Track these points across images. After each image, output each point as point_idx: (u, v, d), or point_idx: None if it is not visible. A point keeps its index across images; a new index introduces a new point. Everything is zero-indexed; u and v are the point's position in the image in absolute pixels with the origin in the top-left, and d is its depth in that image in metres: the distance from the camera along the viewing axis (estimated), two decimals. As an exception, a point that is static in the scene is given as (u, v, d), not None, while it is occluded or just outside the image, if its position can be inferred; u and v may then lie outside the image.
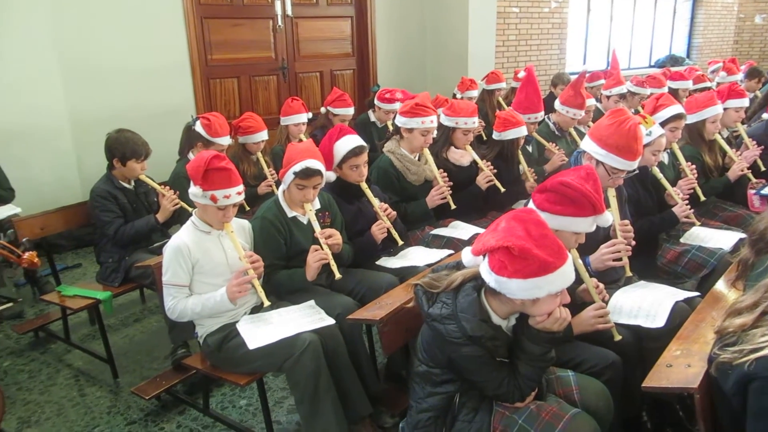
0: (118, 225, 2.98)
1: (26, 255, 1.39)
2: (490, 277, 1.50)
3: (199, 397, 2.65)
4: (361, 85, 6.69)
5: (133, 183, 3.11)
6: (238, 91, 5.80)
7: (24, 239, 1.48)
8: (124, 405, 2.70)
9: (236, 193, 2.17)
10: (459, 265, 1.69)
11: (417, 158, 3.04)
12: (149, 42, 5.00)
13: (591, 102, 4.08)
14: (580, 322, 1.85)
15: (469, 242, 2.71)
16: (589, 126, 4.10)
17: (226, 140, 3.32)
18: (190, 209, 3.05)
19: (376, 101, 4.54)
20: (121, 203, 3.03)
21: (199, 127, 3.28)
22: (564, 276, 1.47)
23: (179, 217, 3.14)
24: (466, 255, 1.63)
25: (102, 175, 3.09)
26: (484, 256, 1.54)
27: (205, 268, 2.19)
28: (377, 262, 2.62)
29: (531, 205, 1.86)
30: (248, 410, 2.61)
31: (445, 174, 2.98)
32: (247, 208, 3.42)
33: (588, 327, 1.86)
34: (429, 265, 2.47)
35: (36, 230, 3.02)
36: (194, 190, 2.15)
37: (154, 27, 5.00)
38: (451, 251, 2.61)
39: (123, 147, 2.98)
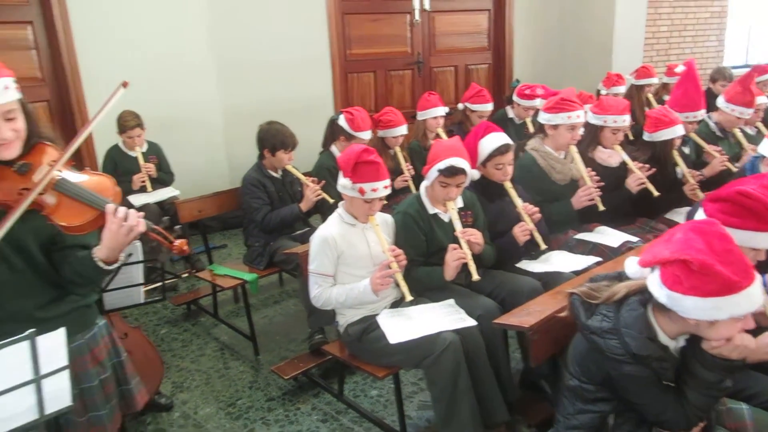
0: (266, 212, 3.15)
1: (177, 242, 1.48)
2: (660, 292, 1.38)
3: (333, 382, 2.74)
4: (496, 80, 6.55)
5: (280, 172, 3.27)
6: (374, 85, 5.91)
7: (177, 226, 1.58)
8: (264, 381, 2.86)
9: (383, 187, 2.19)
10: (621, 276, 1.58)
11: (563, 156, 2.90)
12: (293, 38, 5.23)
13: (762, 99, 3.65)
14: (756, 347, 1.66)
15: (618, 250, 2.54)
16: (757, 127, 3.69)
17: (367, 134, 3.38)
18: (331, 201, 3.17)
19: (515, 97, 4.41)
20: (269, 191, 3.20)
21: (342, 121, 3.37)
22: (750, 298, 1.31)
23: (320, 208, 3.26)
24: (632, 265, 1.52)
25: (252, 164, 3.28)
26: (653, 268, 1.42)
27: (349, 259, 2.24)
28: (517, 265, 2.54)
29: (700, 215, 1.69)
30: (379, 401, 2.65)
31: (594, 173, 2.81)
32: (384, 202, 3.46)
33: (765, 355, 1.66)
34: (575, 272, 2.35)
35: (194, 212, 3.29)
36: (343, 182, 2.20)
37: (298, 23, 5.22)
38: (599, 258, 2.46)
39: (273, 138, 3.14)
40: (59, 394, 1.25)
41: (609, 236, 2.72)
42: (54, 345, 1.18)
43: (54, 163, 1.49)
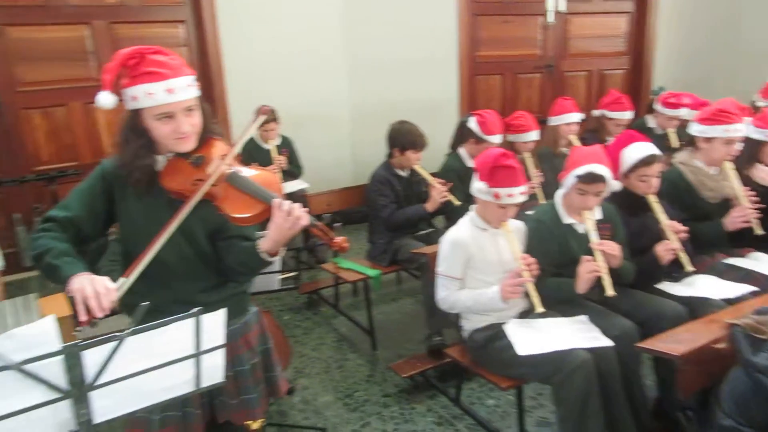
0: (392, 210, 3.20)
1: (338, 239, 1.51)
2: None
3: (450, 385, 2.72)
4: (633, 87, 6.19)
5: (407, 172, 3.30)
6: (501, 88, 5.81)
7: (337, 224, 1.61)
8: (381, 377, 2.90)
9: (519, 193, 2.14)
10: (795, 311, 1.42)
11: (715, 172, 2.67)
12: (422, 37, 5.27)
13: None
14: None
15: (778, 280, 2.29)
16: None
17: (497, 138, 3.32)
18: (456, 203, 3.15)
19: (656, 105, 4.13)
20: (395, 190, 3.24)
21: (473, 124, 3.34)
22: None
23: (445, 210, 3.26)
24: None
25: (380, 162, 3.34)
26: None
27: (478, 264, 2.21)
28: (658, 286, 2.37)
29: None
30: (496, 411, 2.59)
31: (752, 193, 2.56)
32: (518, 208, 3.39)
33: None
34: (727, 301, 2.15)
35: (323, 206, 3.41)
36: (478, 185, 2.17)
37: (429, 23, 5.25)
38: (754, 288, 2.24)
39: (404, 137, 3.17)
40: (214, 371, 1.33)
41: (765, 264, 2.46)
42: (214, 324, 1.26)
43: (224, 156, 1.59)
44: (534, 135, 3.57)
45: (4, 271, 3.39)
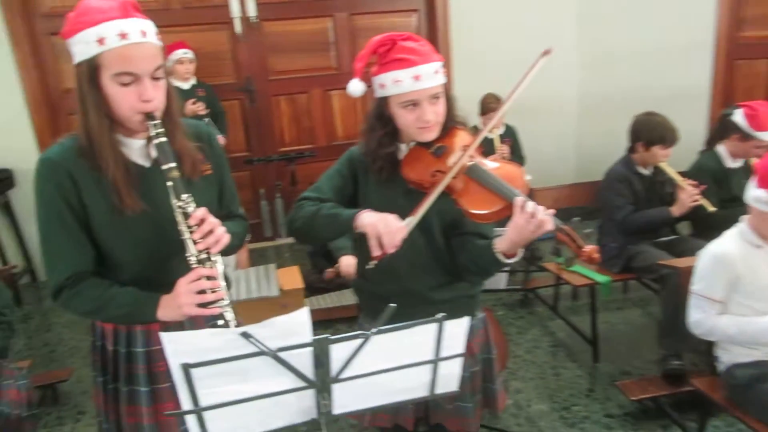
0: (628, 211, 2.87)
1: (587, 248, 1.32)
2: None
3: (690, 419, 2.36)
4: None
5: (650, 169, 2.93)
6: None
7: (588, 230, 1.42)
8: (603, 394, 2.64)
9: (814, 208, 1.72)
10: None
11: None
12: (669, 20, 4.66)
13: None
14: None
15: None
16: None
17: (765, 136, 2.77)
18: (710, 209, 2.71)
19: None
20: (635, 189, 2.90)
21: (739, 117, 2.83)
22: None
23: (694, 215, 2.83)
24: None
25: (620, 158, 3.01)
26: None
27: (747, 287, 1.85)
28: None
29: None
30: (748, 459, 2.18)
31: None
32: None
33: None
34: None
35: (549, 202, 3.19)
36: (758, 194, 1.80)
37: (678, 4, 4.63)
38: None
39: (651, 131, 2.81)
40: (449, 378, 1.28)
41: None
42: (457, 332, 1.20)
43: (467, 147, 1.52)
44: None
45: (249, 240, 3.85)
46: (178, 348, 0.99)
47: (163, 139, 1.29)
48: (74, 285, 1.31)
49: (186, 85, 4.08)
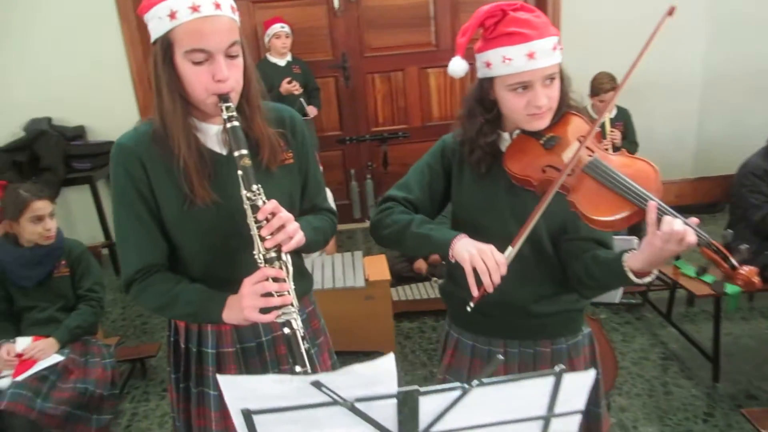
0: (767, 211, 2.48)
1: (744, 269, 1.04)
2: None
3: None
4: None
5: (798, 165, 2.50)
6: None
7: (744, 246, 1.14)
8: (724, 421, 2.31)
9: None
10: None
11: None
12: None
13: None
14: None
15: None
16: None
17: None
18: None
19: None
20: (777, 186, 2.49)
21: None
22: None
23: None
24: None
25: (760, 149, 2.60)
26: None
27: None
28: None
29: None
30: None
31: None
32: None
33: None
34: None
35: (671, 197, 2.84)
36: None
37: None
38: None
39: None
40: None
41: None
42: (578, 385, 0.98)
43: (583, 138, 1.29)
44: None
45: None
46: (237, 394, 0.85)
47: (236, 123, 1.16)
48: (144, 278, 1.24)
49: (282, 62, 4.02)
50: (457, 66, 1.33)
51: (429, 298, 3.18)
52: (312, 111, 4.09)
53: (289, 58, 4.04)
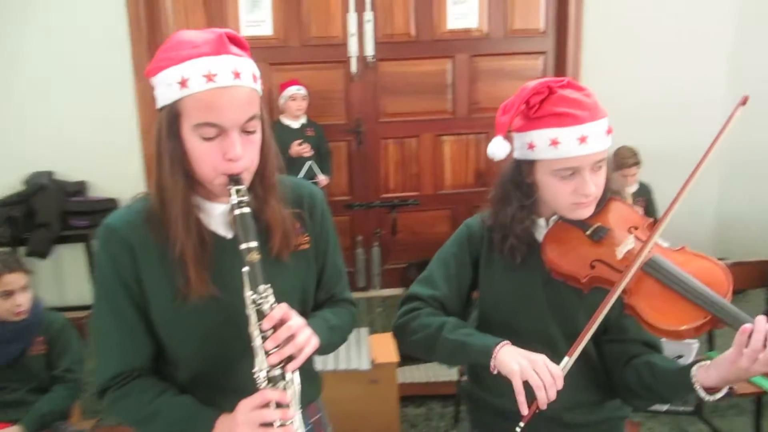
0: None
1: None
2: None
3: None
4: None
5: None
6: None
7: None
8: None
9: None
10: None
11: None
12: None
13: None
14: None
15: None
16: None
17: None
18: None
19: None
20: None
21: None
22: None
23: None
24: None
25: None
26: None
27: None
28: None
29: None
30: None
31: None
32: None
33: None
34: None
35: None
36: None
37: None
38: None
39: None
40: None
41: None
42: None
43: (634, 229, 1.12)
44: None
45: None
46: None
47: (246, 209, 0.99)
48: (121, 385, 1.06)
49: (296, 124, 3.93)
50: (499, 148, 1.18)
51: (437, 382, 2.95)
52: (323, 181, 3.97)
53: (303, 120, 3.96)
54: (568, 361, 1.08)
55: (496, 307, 1.26)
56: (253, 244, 0.98)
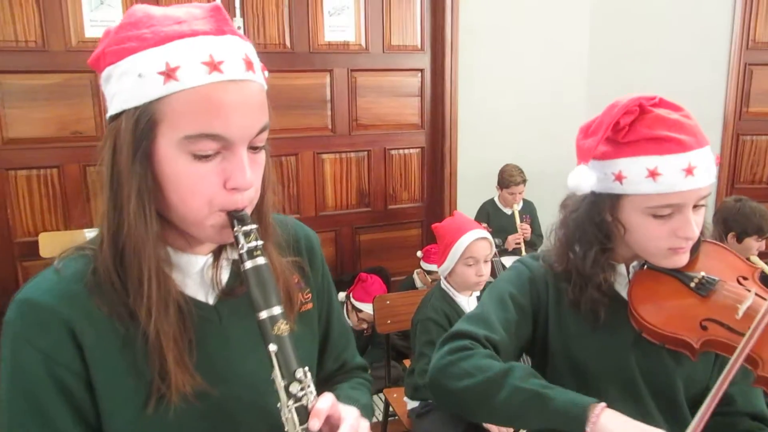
0: None
1: None
2: None
3: None
4: None
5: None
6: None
7: None
8: None
9: None
10: None
11: None
12: (682, 90, 4.43)
13: None
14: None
15: None
16: None
17: None
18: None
19: None
20: None
21: None
22: None
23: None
24: None
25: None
26: None
27: None
28: None
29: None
30: None
31: None
32: None
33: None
34: None
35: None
36: None
37: (694, 74, 4.43)
38: None
39: (746, 220, 2.39)
40: None
41: None
42: None
43: (743, 279, 0.97)
44: None
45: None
46: None
47: (261, 260, 0.71)
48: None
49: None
50: (585, 179, 0.96)
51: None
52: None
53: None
54: None
55: (574, 375, 1.04)
56: (277, 310, 0.69)
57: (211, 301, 0.79)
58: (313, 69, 3.85)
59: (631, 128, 0.96)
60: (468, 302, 2.17)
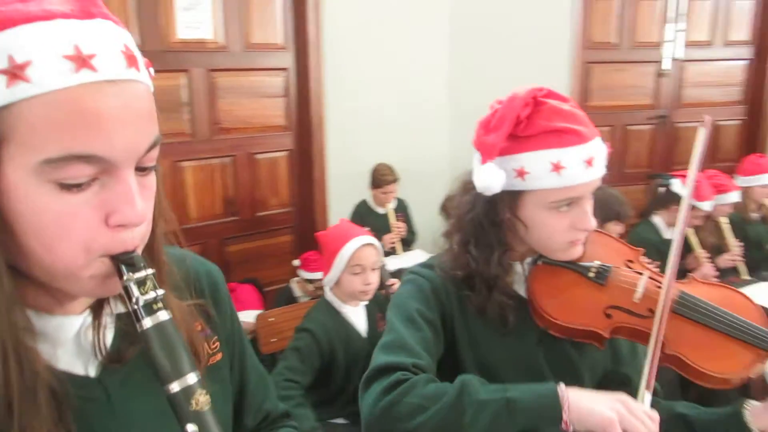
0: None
1: None
2: None
3: None
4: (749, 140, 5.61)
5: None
6: (610, 140, 5.24)
7: None
8: None
9: None
10: None
11: None
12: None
13: None
14: None
15: None
16: None
17: (708, 205, 2.71)
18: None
19: None
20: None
21: (678, 186, 2.73)
22: None
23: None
24: None
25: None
26: None
27: None
28: None
29: None
30: None
31: None
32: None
33: None
34: None
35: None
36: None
37: (539, 73, 4.72)
38: None
39: (605, 207, 2.55)
40: None
41: None
42: None
43: (630, 262, 0.97)
44: (734, 197, 2.96)
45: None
46: None
47: (165, 315, 0.55)
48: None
49: None
50: (494, 178, 0.90)
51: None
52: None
53: None
54: (648, 396, 0.86)
55: (486, 380, 0.98)
56: (192, 378, 0.54)
57: (92, 373, 0.62)
58: (167, 69, 3.53)
59: (529, 121, 0.93)
60: (355, 313, 2.07)
